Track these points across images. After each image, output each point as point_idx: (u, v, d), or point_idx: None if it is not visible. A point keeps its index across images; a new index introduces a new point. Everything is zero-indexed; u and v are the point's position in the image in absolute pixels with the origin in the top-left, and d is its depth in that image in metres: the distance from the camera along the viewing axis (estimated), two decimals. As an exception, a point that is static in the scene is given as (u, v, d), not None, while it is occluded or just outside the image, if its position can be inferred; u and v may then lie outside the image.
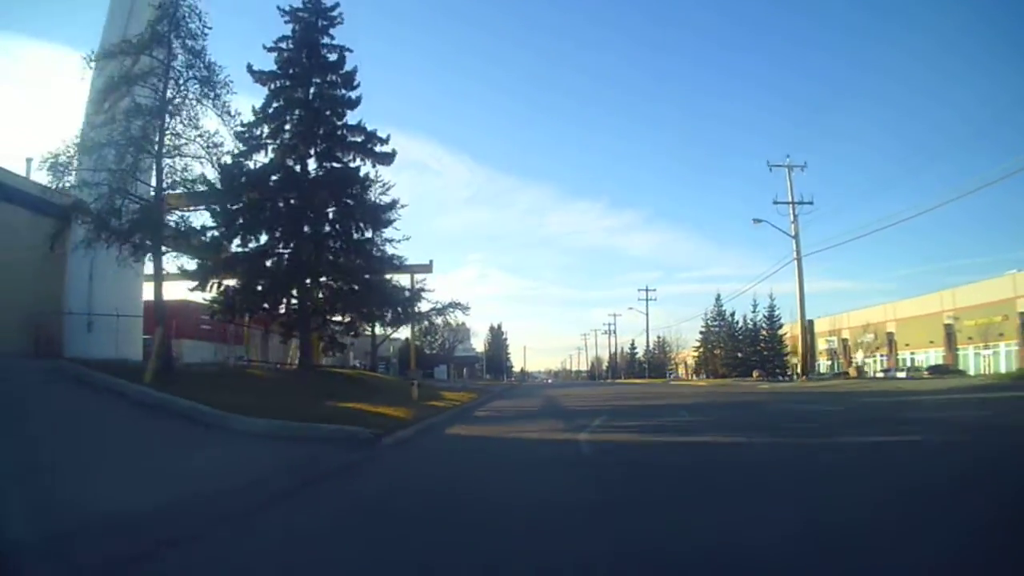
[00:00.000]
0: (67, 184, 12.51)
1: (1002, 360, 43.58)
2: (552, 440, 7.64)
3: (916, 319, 52.29)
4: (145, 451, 5.96)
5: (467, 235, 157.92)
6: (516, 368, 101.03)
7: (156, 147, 12.17)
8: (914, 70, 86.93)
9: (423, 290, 19.11)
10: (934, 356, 49.62)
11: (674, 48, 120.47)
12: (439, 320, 23.64)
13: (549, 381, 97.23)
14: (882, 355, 55.50)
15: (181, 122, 12.29)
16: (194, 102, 12.29)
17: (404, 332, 31.52)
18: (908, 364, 50.97)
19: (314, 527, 3.41)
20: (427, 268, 30.71)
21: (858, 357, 54.97)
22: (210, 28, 13.36)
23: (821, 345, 65.78)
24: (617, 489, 4.35)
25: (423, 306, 23.52)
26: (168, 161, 12.45)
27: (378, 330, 23.71)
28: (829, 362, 61.53)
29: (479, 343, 75.47)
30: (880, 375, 49.98)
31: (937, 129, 79.62)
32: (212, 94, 12.39)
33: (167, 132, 12.35)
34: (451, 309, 22.64)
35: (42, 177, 13.78)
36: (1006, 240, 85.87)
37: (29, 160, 27.09)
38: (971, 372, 41.46)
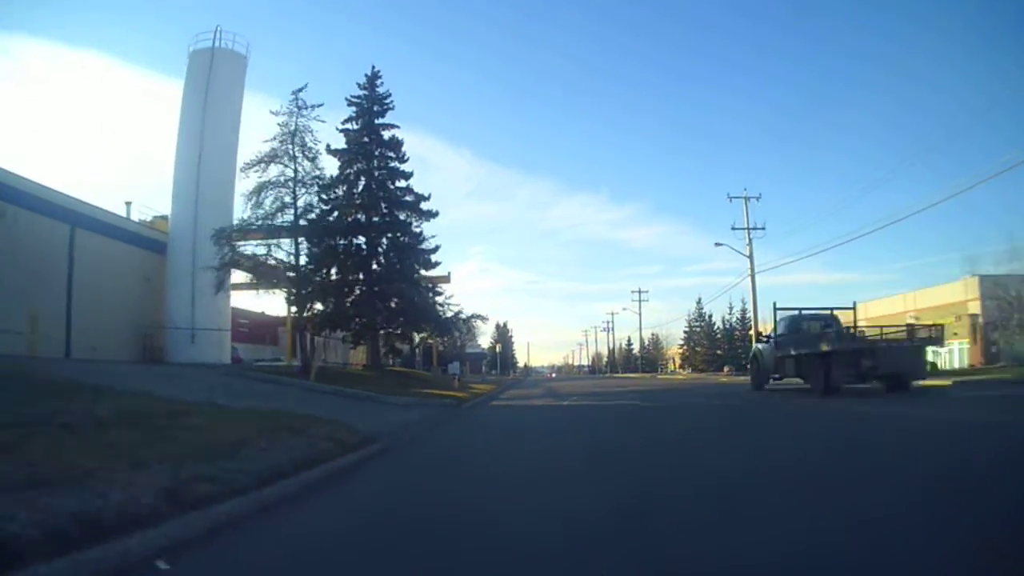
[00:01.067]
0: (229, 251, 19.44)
1: (955, 356, 50.65)
2: (548, 404, 14.83)
3: (883, 318, 59.03)
4: (358, 411, 12.96)
5: (468, 229, 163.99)
6: (520, 363, 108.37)
7: (292, 227, 19.28)
8: (917, 62, 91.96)
9: (460, 312, 26.16)
10: (900, 352, 56.64)
11: (674, 41, 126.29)
12: (464, 327, 30.86)
13: (552, 375, 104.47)
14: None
15: (305, 208, 19.44)
16: (314, 197, 19.48)
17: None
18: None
19: (464, 429, 10.52)
20: (446, 279, 37.85)
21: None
22: (319, 142, 20.49)
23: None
24: (573, 417, 11.48)
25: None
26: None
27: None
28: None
29: (485, 339, 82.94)
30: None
31: (938, 119, 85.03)
32: (326, 192, 19.52)
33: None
34: (474, 319, 29.75)
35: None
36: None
37: (128, 204, 34.55)
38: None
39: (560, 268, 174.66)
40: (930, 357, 52.14)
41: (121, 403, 6.70)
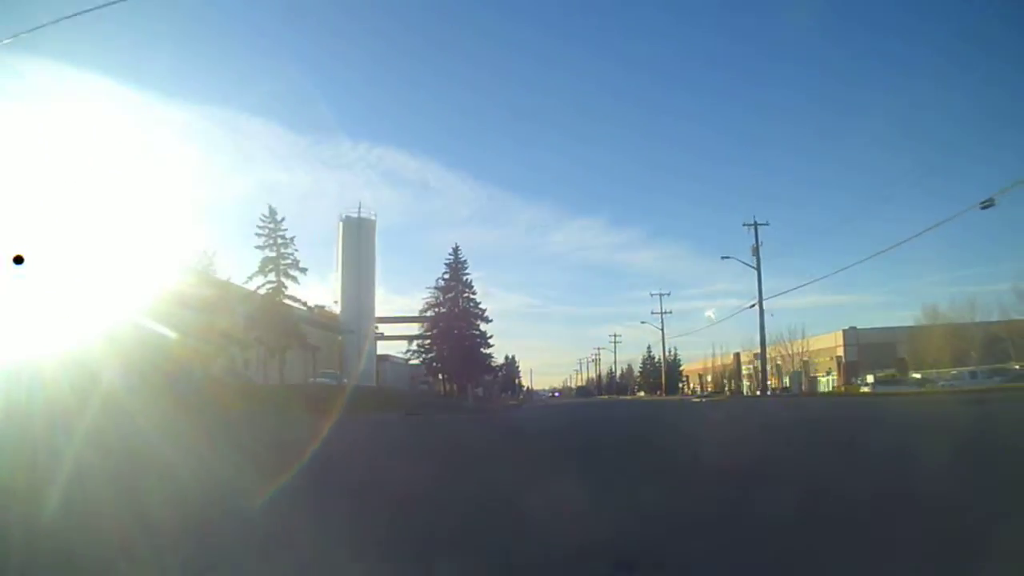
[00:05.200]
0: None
1: (829, 384, 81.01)
2: (551, 406, 45.13)
3: (794, 355, 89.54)
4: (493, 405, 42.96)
5: (469, 253, 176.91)
6: (525, 387, 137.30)
7: (431, 328, 49.52)
8: (928, 68, 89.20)
9: (505, 366, 56.39)
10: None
11: (673, 63, 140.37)
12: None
13: (556, 395, 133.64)
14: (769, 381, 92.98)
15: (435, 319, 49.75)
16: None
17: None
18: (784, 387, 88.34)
19: (530, 408, 40.66)
20: (488, 344, 68.27)
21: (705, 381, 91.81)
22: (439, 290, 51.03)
23: (745, 370, 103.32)
24: (560, 406, 41.74)
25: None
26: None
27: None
28: (748, 383, 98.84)
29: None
30: (759, 393, 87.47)
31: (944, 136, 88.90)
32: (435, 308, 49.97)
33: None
34: (503, 366, 59.49)
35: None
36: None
37: (332, 300, 64.89)
38: (816, 391, 78.55)
39: (561, 292, 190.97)
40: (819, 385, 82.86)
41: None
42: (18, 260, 8.25)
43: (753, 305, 41.27)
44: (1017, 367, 46.65)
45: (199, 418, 16.45)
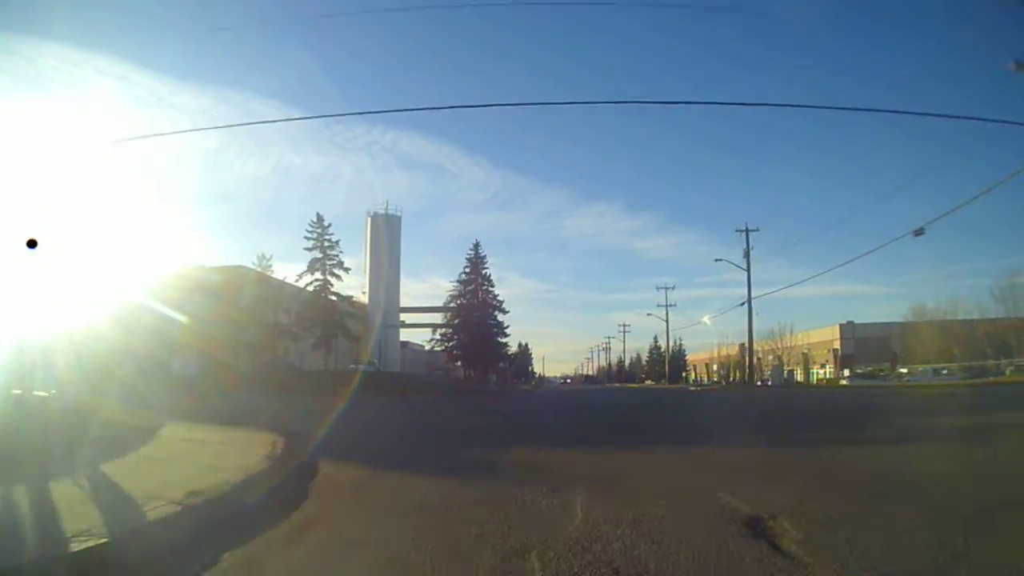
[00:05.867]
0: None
1: (825, 374, 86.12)
2: (560, 392, 50.90)
3: (792, 348, 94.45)
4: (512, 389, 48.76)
5: (483, 238, 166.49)
6: (537, 374, 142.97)
7: (453, 317, 55.27)
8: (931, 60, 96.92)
9: (518, 353, 62.03)
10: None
11: (687, 49, 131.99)
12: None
13: (568, 380, 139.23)
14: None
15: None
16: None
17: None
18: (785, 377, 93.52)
19: (543, 393, 46.42)
20: (505, 333, 74.02)
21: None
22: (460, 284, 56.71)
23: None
24: (568, 392, 47.53)
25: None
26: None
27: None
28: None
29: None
30: (760, 383, 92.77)
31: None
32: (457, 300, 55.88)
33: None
34: (515, 355, 65.09)
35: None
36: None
37: (360, 291, 71.07)
38: (810, 382, 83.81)
39: (576, 278, 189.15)
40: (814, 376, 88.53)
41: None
42: (31, 244, 8.36)
43: (743, 304, 46.44)
44: (995, 364, 51.24)
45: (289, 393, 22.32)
